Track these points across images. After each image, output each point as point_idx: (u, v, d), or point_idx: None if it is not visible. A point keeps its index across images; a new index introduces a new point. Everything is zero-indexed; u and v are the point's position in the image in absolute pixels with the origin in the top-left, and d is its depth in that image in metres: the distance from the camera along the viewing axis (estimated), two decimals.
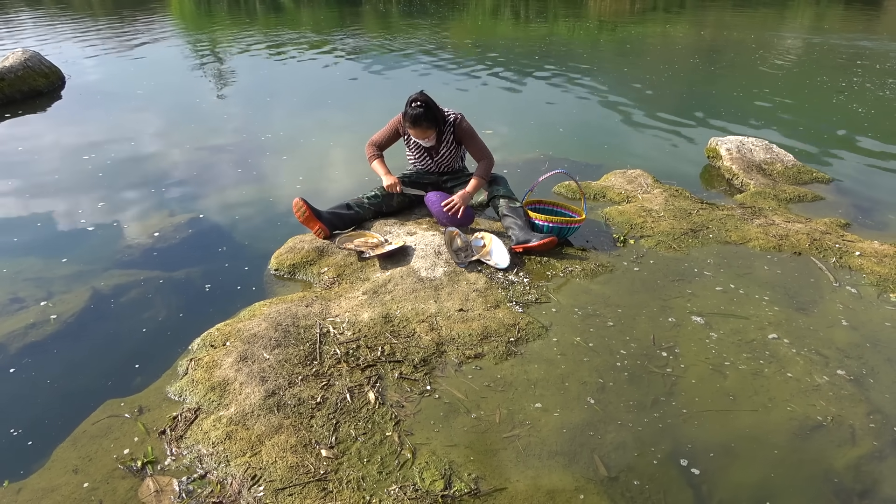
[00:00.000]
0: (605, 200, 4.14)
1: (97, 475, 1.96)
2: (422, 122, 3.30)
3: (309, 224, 3.34)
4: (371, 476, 1.95)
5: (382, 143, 3.59)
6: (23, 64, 6.67)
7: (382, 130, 3.57)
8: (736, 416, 2.24)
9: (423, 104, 3.28)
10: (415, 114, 3.28)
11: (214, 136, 5.55)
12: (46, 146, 5.19)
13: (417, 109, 3.28)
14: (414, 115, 3.28)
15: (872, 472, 2.03)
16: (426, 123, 3.31)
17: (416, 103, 3.29)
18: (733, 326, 2.74)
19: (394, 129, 3.55)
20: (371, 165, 3.62)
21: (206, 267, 3.29)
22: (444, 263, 3.16)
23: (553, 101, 6.98)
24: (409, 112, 3.31)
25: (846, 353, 2.59)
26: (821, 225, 3.76)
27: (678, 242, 3.49)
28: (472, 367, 2.45)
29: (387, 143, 3.60)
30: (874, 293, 3.05)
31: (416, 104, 3.28)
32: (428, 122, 3.32)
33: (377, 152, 3.59)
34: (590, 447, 2.08)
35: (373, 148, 3.59)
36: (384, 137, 3.57)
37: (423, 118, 3.29)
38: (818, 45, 11.08)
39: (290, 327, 2.62)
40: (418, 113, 3.28)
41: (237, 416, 2.15)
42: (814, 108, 7.04)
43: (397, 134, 3.57)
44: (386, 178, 3.55)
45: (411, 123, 3.31)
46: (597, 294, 2.97)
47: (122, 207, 3.99)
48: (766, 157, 4.84)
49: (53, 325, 2.77)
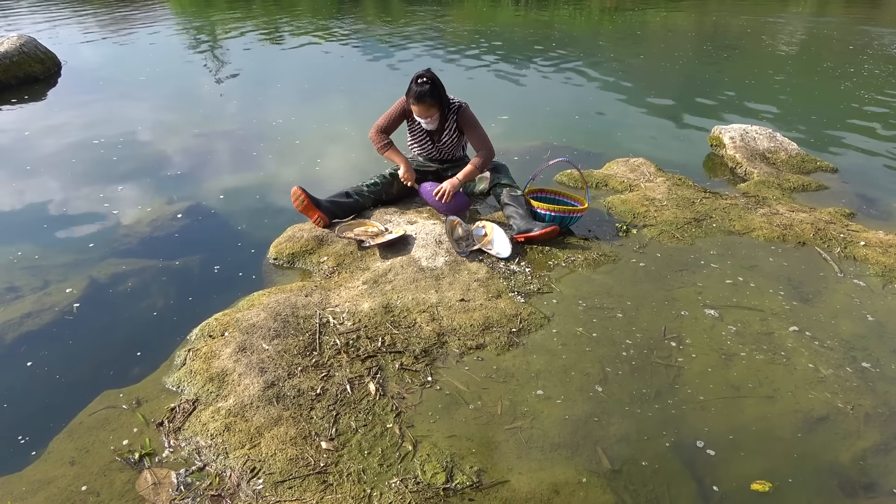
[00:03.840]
0: (608, 189, 4.10)
1: (94, 467, 1.94)
2: (426, 99, 3.25)
3: (308, 213, 3.30)
4: (372, 468, 1.93)
5: (389, 127, 3.52)
6: (18, 49, 6.58)
7: (388, 113, 3.50)
8: (740, 408, 2.22)
9: (429, 81, 3.24)
10: (420, 90, 3.23)
11: (213, 123, 5.49)
12: (44, 133, 5.13)
13: (423, 86, 3.23)
14: (419, 92, 3.23)
15: (878, 465, 2.01)
16: (430, 100, 3.26)
17: (422, 79, 3.24)
18: (737, 317, 2.72)
19: (399, 111, 3.48)
20: (384, 155, 3.54)
21: (205, 256, 3.26)
22: (445, 253, 3.13)
23: (555, 88, 6.92)
24: (413, 88, 3.25)
25: (851, 344, 2.57)
26: (825, 214, 3.73)
27: (681, 232, 3.45)
28: (473, 358, 2.43)
29: (393, 126, 3.53)
30: (879, 283, 3.02)
31: (423, 80, 3.24)
32: (432, 100, 3.26)
33: (387, 139, 3.52)
34: (593, 439, 2.06)
35: (381, 135, 3.51)
36: (390, 120, 3.50)
37: (427, 95, 3.24)
38: (823, 32, 10.98)
39: (289, 317, 2.59)
40: (423, 90, 3.23)
41: (236, 407, 2.13)
42: (820, 95, 6.97)
43: (403, 115, 3.50)
44: (404, 168, 3.49)
45: (415, 99, 3.26)
46: (599, 284, 2.94)
47: (120, 195, 3.95)
48: (770, 146, 4.80)
49: (50, 314, 2.74)
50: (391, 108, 3.49)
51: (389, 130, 3.53)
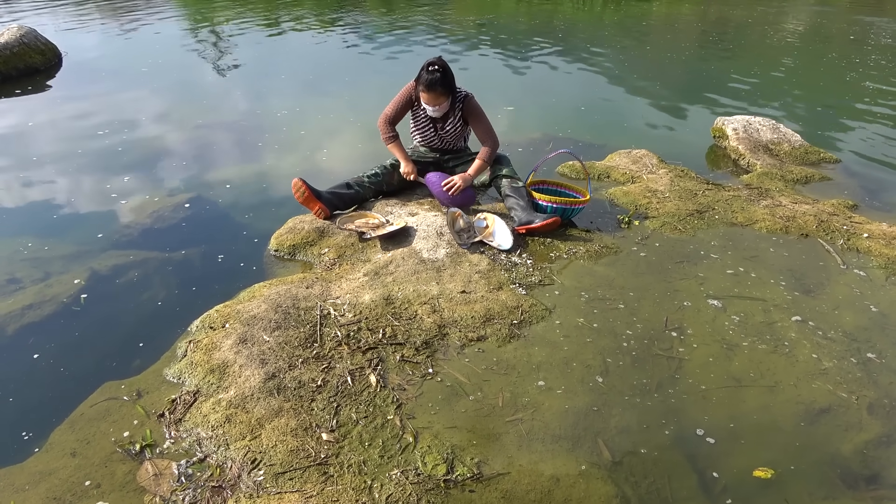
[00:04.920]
0: (610, 181, 4.08)
1: (95, 458, 1.94)
2: (437, 87, 3.23)
3: (308, 205, 3.29)
4: (372, 460, 1.93)
5: (396, 116, 3.50)
6: (18, 40, 6.54)
7: (394, 101, 3.48)
8: (742, 400, 2.21)
9: (440, 69, 3.22)
10: (431, 78, 3.21)
11: (217, 114, 5.46)
12: (48, 124, 5.11)
13: (434, 74, 3.21)
14: (430, 80, 3.21)
15: (880, 458, 2.00)
16: (441, 89, 3.24)
17: (433, 67, 3.22)
18: (739, 309, 2.70)
19: (406, 98, 3.46)
20: (388, 147, 3.55)
21: (205, 248, 3.25)
22: (447, 245, 3.12)
23: (557, 80, 6.87)
24: (424, 76, 3.23)
25: (854, 336, 2.56)
26: (828, 206, 3.70)
27: (683, 224, 3.44)
28: (474, 350, 2.42)
29: (400, 114, 3.52)
30: (882, 276, 3.01)
31: (434, 67, 3.22)
32: (443, 88, 3.25)
33: (393, 132, 3.51)
34: (594, 431, 2.06)
35: (388, 127, 3.50)
36: (397, 108, 3.48)
37: (438, 83, 3.22)
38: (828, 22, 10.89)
39: (290, 309, 2.58)
40: (434, 78, 3.21)
41: (237, 399, 2.13)
42: (825, 85, 6.92)
43: (410, 102, 3.48)
44: (405, 163, 3.49)
45: (426, 87, 3.24)
46: (601, 276, 2.93)
47: (121, 187, 3.94)
48: (774, 137, 4.77)
49: (51, 306, 2.74)
50: (398, 96, 3.47)
51: (397, 119, 3.52)
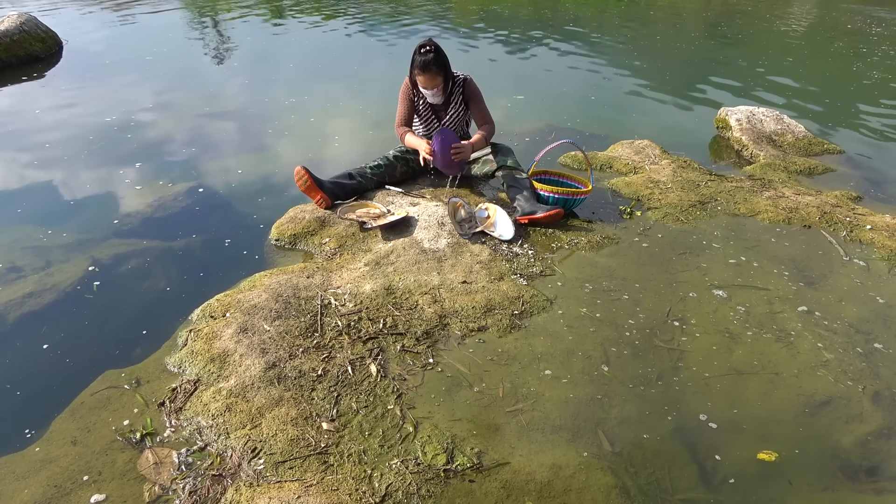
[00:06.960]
0: (612, 171, 4.06)
1: (96, 447, 1.95)
2: (431, 67, 3.24)
3: (310, 194, 3.28)
4: (372, 449, 1.93)
5: (407, 116, 3.54)
6: (19, 28, 6.50)
7: (399, 105, 3.53)
8: (743, 391, 2.21)
9: (432, 49, 3.24)
10: (424, 59, 3.23)
11: (222, 103, 5.43)
12: (54, 111, 5.09)
13: (427, 55, 3.23)
14: (423, 61, 3.23)
15: (880, 450, 2.00)
16: (435, 69, 3.25)
17: (425, 48, 3.24)
18: (741, 300, 2.70)
19: (406, 95, 3.49)
20: (405, 144, 3.56)
21: (206, 237, 3.24)
22: (448, 235, 3.11)
23: (559, 70, 6.83)
24: (417, 59, 3.25)
25: (856, 328, 2.55)
26: (831, 198, 3.68)
27: (686, 215, 3.42)
28: (475, 341, 2.42)
29: (410, 113, 3.55)
30: (885, 267, 3.00)
31: (426, 49, 3.24)
32: (437, 68, 3.26)
33: (406, 128, 3.55)
34: (594, 421, 2.06)
35: (402, 128, 3.55)
36: (404, 109, 3.52)
37: (433, 63, 3.23)
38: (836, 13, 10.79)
39: (290, 298, 2.58)
40: (428, 58, 3.22)
41: (237, 388, 2.13)
42: (832, 76, 6.87)
43: (410, 98, 3.52)
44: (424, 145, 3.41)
45: (421, 69, 3.25)
46: (603, 267, 2.92)
47: (123, 176, 3.92)
48: (777, 128, 4.74)
49: (52, 294, 2.74)
50: (399, 99, 3.52)
51: (409, 119, 3.56)
